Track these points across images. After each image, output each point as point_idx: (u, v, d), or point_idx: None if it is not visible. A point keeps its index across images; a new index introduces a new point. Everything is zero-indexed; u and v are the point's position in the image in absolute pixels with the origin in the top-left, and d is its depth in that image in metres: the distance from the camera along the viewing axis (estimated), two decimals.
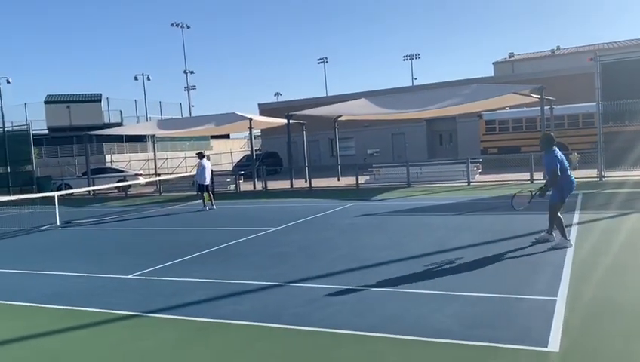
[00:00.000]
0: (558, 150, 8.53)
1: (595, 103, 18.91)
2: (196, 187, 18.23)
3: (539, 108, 21.91)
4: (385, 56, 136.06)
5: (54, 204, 16.10)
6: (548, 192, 8.65)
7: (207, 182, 17.65)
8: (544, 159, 8.56)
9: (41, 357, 5.28)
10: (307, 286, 7.20)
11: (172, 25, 56.84)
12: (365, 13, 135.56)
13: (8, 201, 18.08)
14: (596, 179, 18.63)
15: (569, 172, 8.57)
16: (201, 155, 18.08)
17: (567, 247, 8.25)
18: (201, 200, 17.81)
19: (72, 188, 24.71)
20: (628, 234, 9.58)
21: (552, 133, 8.92)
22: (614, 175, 18.47)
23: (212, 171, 18.45)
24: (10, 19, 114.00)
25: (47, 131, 42.87)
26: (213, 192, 18.26)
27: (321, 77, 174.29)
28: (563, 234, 8.48)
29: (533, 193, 8.98)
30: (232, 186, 25.50)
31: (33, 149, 28.68)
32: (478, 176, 22.68)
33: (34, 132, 29.89)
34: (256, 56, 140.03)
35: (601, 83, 18.27)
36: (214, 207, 17.58)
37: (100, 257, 10.46)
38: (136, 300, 6.99)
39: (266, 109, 42.11)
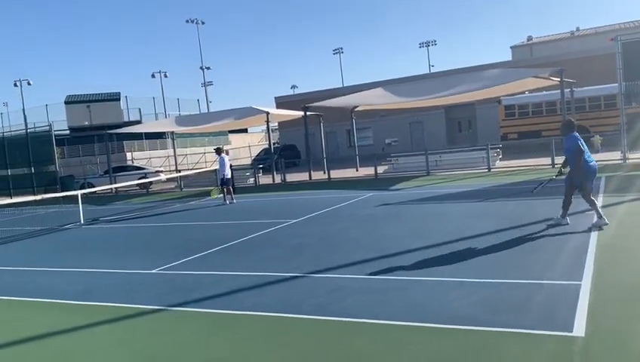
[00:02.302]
0: (577, 134, 8.72)
1: (616, 84, 18.54)
2: (219, 181, 18.35)
3: (559, 91, 21.55)
4: (401, 45, 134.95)
5: (78, 203, 16.35)
6: (562, 175, 9.08)
7: (228, 175, 17.83)
8: (564, 143, 8.96)
9: (70, 352, 5.39)
10: (328, 276, 7.22)
11: (187, 21, 57.08)
12: (379, 1, 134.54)
13: (33, 201, 18.42)
14: (620, 162, 18.30)
15: (588, 156, 8.65)
16: (219, 151, 18.30)
17: (561, 225, 8.82)
18: (221, 195, 18.01)
19: (94, 187, 25.08)
20: None
21: (571, 119, 9.31)
22: (638, 156, 18.11)
23: (231, 165, 18.61)
24: (25, 22, 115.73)
25: (68, 131, 43.47)
26: (233, 187, 18.41)
27: (337, 68, 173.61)
28: (563, 214, 8.96)
29: (555, 176, 9.45)
30: (251, 180, 25.63)
31: (55, 149, 29.12)
32: (498, 162, 22.44)
33: (56, 132, 30.30)
34: (272, 49, 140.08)
35: (622, 63, 17.88)
36: (234, 201, 17.72)
37: (124, 253, 10.62)
38: (161, 294, 7.09)
39: (282, 102, 42.14)
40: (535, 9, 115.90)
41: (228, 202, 17.54)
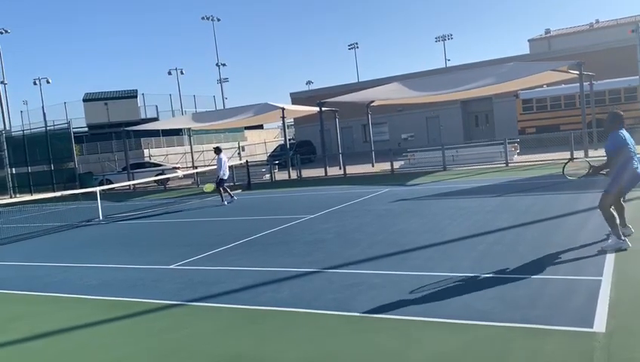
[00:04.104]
0: (624, 132, 6.97)
1: (637, 77, 18.24)
2: (216, 182, 17.87)
3: (578, 84, 21.24)
4: (417, 39, 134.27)
5: (96, 199, 16.53)
6: (602, 173, 7.25)
7: (226, 176, 17.58)
8: (606, 141, 7.07)
9: (87, 346, 5.45)
10: (345, 272, 7.21)
11: (203, 18, 57.21)
12: None
13: (53, 198, 18.70)
14: None
15: (636, 163, 6.85)
16: (218, 150, 17.72)
17: (622, 249, 6.72)
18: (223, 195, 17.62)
19: (112, 183, 25.32)
20: None
21: (619, 112, 7.23)
22: None
23: (247, 162, 18.43)
24: (44, 22, 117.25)
25: (86, 128, 43.97)
26: (248, 184, 18.11)
27: (352, 63, 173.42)
28: (616, 234, 6.87)
29: (589, 170, 7.47)
30: (267, 176, 25.68)
31: (74, 146, 29.47)
32: (516, 156, 22.21)
33: (74, 130, 30.66)
34: (287, 45, 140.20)
35: None
36: (234, 198, 17.41)
37: (142, 249, 10.72)
38: (178, 290, 7.14)
39: (298, 98, 42.15)
40: (553, 1, 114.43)
41: (226, 202, 17.03)
